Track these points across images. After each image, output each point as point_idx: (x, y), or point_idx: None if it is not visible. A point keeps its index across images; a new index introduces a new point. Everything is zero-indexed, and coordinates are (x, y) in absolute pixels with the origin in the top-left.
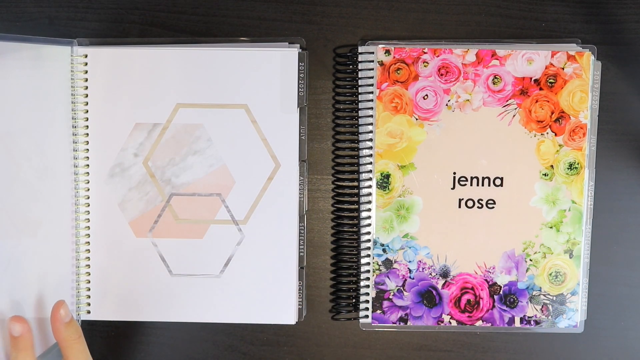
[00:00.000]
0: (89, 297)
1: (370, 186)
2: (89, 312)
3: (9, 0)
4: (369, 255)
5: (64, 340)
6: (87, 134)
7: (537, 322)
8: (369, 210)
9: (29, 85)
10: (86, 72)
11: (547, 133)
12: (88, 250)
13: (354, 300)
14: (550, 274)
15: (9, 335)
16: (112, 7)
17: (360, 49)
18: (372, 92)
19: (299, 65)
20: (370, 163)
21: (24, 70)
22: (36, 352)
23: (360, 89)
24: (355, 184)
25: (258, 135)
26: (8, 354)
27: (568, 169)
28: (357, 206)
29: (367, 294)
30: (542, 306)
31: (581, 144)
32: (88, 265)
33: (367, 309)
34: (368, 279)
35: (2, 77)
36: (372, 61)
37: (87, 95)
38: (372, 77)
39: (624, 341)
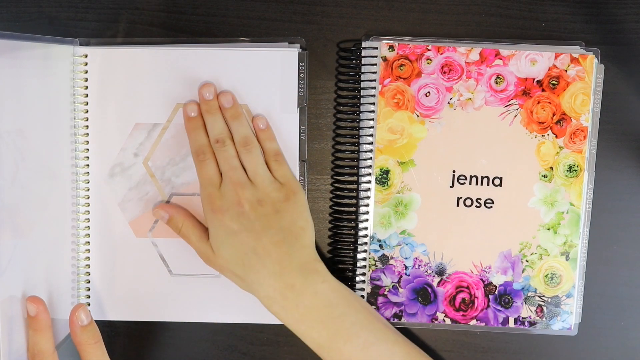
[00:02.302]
0: (88, 297)
1: (369, 181)
2: None
3: (9, 0)
4: (365, 251)
5: (80, 344)
6: (87, 134)
7: (531, 324)
8: (367, 205)
9: (37, 84)
10: (86, 71)
11: (548, 134)
12: (88, 250)
13: None
14: (546, 276)
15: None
16: (112, 7)
17: (364, 44)
18: (374, 88)
19: (299, 65)
20: (370, 158)
21: (35, 69)
22: None
23: (362, 84)
24: (355, 179)
25: None
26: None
27: (567, 171)
28: (355, 201)
29: (363, 289)
30: (537, 307)
31: (581, 147)
32: (88, 265)
33: None
34: (364, 274)
35: (15, 76)
36: (376, 56)
37: (87, 95)
38: (374, 73)
39: (624, 341)
